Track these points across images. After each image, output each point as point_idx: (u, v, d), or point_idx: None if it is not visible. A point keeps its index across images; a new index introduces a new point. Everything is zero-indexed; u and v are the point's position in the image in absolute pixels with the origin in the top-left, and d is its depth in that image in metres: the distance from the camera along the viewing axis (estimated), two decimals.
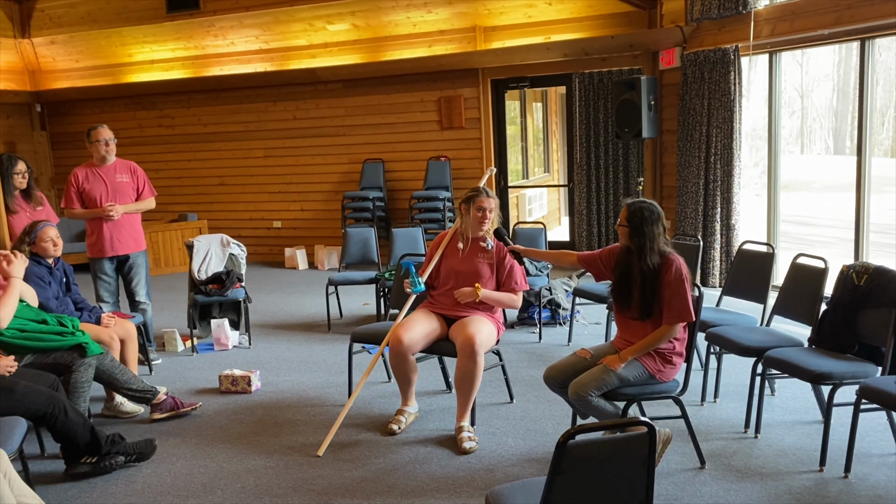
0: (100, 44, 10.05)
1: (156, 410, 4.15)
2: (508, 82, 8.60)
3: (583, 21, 7.94)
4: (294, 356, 5.39)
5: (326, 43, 9.07)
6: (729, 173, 6.75)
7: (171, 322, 6.38)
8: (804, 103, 19.54)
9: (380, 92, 8.97)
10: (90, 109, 10.46)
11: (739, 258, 4.63)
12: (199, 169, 10.07)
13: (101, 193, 5.08)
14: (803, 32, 6.00)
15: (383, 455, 3.62)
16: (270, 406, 4.37)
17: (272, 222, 9.84)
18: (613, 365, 3.22)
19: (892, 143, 18.35)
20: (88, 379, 3.78)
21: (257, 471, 3.51)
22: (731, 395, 4.20)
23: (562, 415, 3.99)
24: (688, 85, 7.02)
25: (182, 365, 5.28)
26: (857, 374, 3.33)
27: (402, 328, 3.84)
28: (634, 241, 3.29)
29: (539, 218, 11.04)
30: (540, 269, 5.86)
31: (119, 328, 4.39)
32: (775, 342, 3.75)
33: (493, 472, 3.39)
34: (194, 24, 9.23)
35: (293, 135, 9.49)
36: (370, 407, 4.26)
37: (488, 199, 3.95)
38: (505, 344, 5.28)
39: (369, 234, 6.56)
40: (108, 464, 3.48)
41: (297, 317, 6.65)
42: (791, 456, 3.44)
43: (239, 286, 5.71)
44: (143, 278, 5.30)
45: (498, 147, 8.74)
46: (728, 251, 6.83)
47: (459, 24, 8.44)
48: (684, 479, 3.26)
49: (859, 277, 3.56)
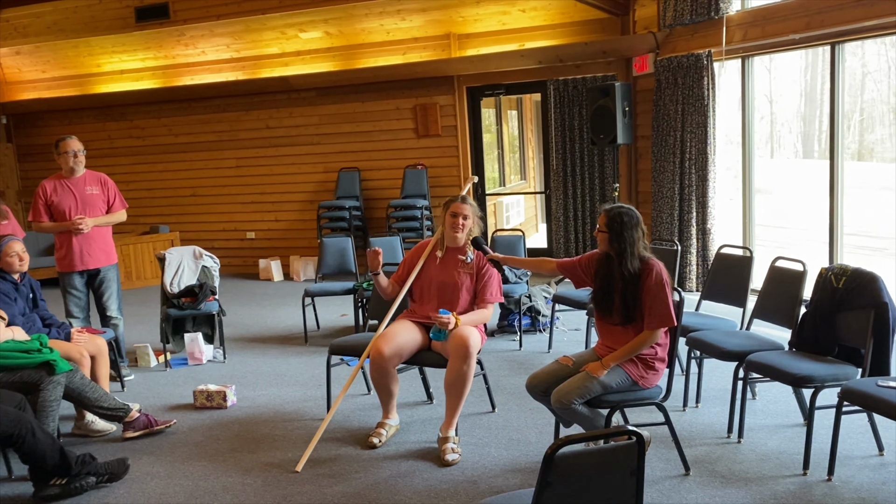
0: (67, 54, 9.88)
1: (128, 429, 4.03)
2: (484, 90, 8.59)
3: (556, 28, 7.96)
4: (270, 370, 5.29)
5: (299, 51, 9.00)
6: (704, 178, 6.78)
7: (143, 337, 6.24)
8: (773, 108, 19.83)
9: (354, 100, 8.91)
10: (58, 121, 10.26)
11: (717, 262, 4.63)
12: (171, 180, 9.91)
13: (71, 206, 4.96)
14: (775, 37, 6.06)
15: (364, 469, 3.54)
16: (247, 421, 4.27)
17: (246, 233, 9.71)
18: (596, 372, 3.19)
19: (859, 147, 18.68)
20: (57, 398, 3.66)
21: (234, 488, 3.42)
22: (714, 400, 4.19)
23: (545, 423, 3.95)
24: (661, 90, 7.05)
25: (155, 381, 5.16)
26: (837, 377, 3.33)
27: (384, 340, 3.77)
28: (614, 247, 3.27)
29: (517, 225, 11.04)
30: (519, 277, 5.83)
31: (89, 344, 4.27)
32: (756, 346, 3.75)
33: (476, 485, 3.34)
34: (164, 34, 9.10)
35: (266, 144, 9.38)
36: (350, 420, 4.19)
37: (463, 205, 3.90)
38: (486, 352, 5.23)
39: (346, 243, 6.48)
40: (78, 485, 3.36)
41: (273, 329, 6.54)
42: (774, 460, 3.43)
43: (212, 299, 5.60)
44: (114, 293, 5.18)
45: (474, 154, 8.72)
46: (704, 255, 6.86)
47: (433, 32, 8.42)
48: (669, 486, 3.23)
49: (838, 280, 3.56)
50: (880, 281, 3.41)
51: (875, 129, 18.92)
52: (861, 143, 18.75)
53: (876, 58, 16.70)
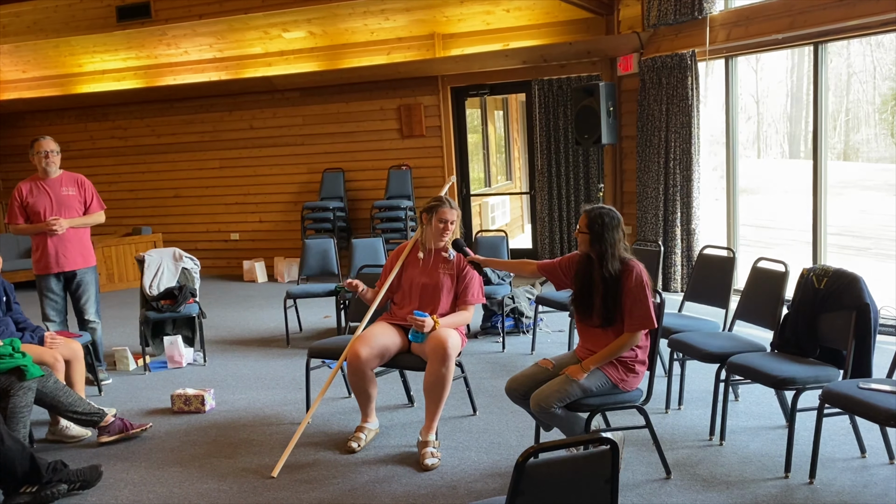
0: (48, 53, 9.75)
1: (103, 433, 3.96)
2: (468, 90, 8.55)
3: (541, 28, 7.93)
4: (251, 373, 5.23)
5: (283, 51, 8.92)
6: (688, 178, 6.77)
7: (123, 340, 6.16)
8: (759, 109, 19.90)
9: (338, 100, 8.84)
10: (39, 121, 10.13)
11: (700, 263, 4.61)
12: (154, 181, 9.81)
13: (45, 207, 4.87)
14: (758, 37, 6.05)
15: (342, 475, 3.49)
16: (225, 426, 4.21)
17: (230, 234, 9.62)
18: (576, 375, 3.15)
19: (845, 147, 18.77)
20: (28, 403, 3.59)
21: (209, 495, 3.35)
22: (696, 402, 4.16)
23: (525, 426, 3.91)
24: (646, 90, 7.03)
25: (134, 384, 5.08)
26: (819, 379, 3.30)
27: (361, 342, 3.72)
28: (595, 248, 3.23)
29: (502, 225, 11.00)
30: (502, 278, 5.79)
31: (64, 348, 4.19)
32: (738, 348, 3.72)
33: (455, 489, 3.29)
34: (146, 33, 8.99)
35: (250, 145, 9.30)
36: (329, 424, 4.13)
37: (451, 210, 3.87)
38: (468, 354, 5.19)
39: (328, 244, 6.42)
40: (49, 493, 3.29)
41: (254, 332, 6.47)
42: (756, 463, 3.40)
43: (192, 301, 5.53)
44: (91, 296, 5.09)
45: (459, 155, 8.68)
46: (689, 256, 6.85)
47: (418, 32, 8.36)
48: (650, 490, 3.19)
49: (819, 281, 3.54)
50: (862, 282, 3.39)
51: (861, 129, 19.02)
52: (847, 143, 18.84)
53: (861, 58, 16.77)
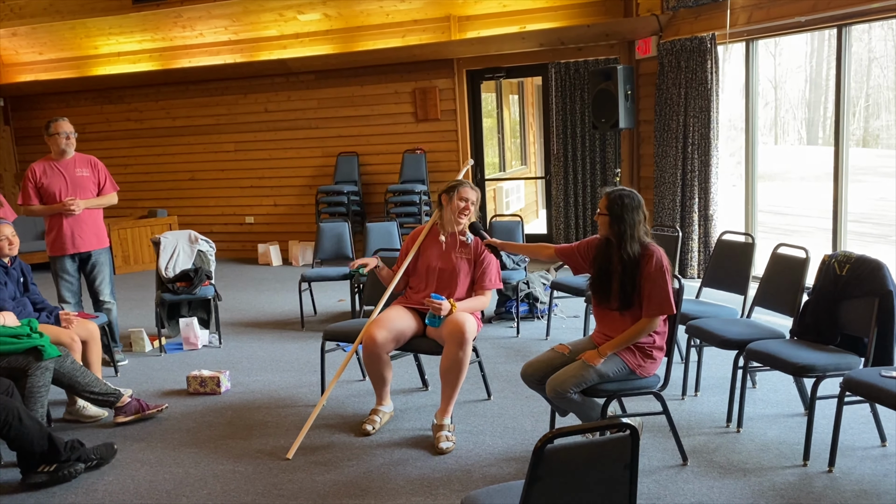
0: (64, 35, 9.76)
1: (120, 414, 3.98)
2: (484, 73, 8.47)
3: (558, 10, 7.83)
4: (266, 355, 5.24)
5: (297, 33, 8.87)
6: (706, 163, 6.69)
7: (139, 321, 6.19)
8: (777, 94, 19.63)
9: (353, 83, 8.80)
10: (55, 104, 10.15)
11: (719, 249, 4.55)
12: (169, 164, 9.83)
13: (61, 188, 4.88)
14: (780, 20, 5.94)
15: (357, 457, 3.49)
16: (240, 407, 4.22)
17: (245, 218, 9.63)
18: (592, 361, 3.13)
19: (864, 133, 18.51)
20: (45, 383, 3.61)
21: (225, 476, 3.37)
22: (713, 389, 4.13)
23: (540, 411, 3.89)
24: (664, 74, 6.94)
25: (149, 366, 5.11)
26: (839, 366, 3.26)
27: (376, 326, 3.71)
28: (614, 230, 3.19)
29: (517, 210, 10.95)
30: (517, 263, 5.75)
31: (80, 329, 4.21)
32: (756, 334, 3.68)
33: (470, 473, 3.28)
34: (161, 16, 8.98)
35: (265, 128, 9.28)
36: (343, 407, 4.13)
37: (471, 190, 3.85)
38: (482, 339, 5.18)
39: (343, 228, 6.41)
40: (67, 472, 3.31)
41: (269, 314, 6.48)
42: (774, 450, 3.37)
43: (208, 284, 5.54)
44: (106, 277, 5.11)
45: (474, 139, 8.62)
46: (706, 242, 6.78)
47: (433, 14, 8.29)
48: (666, 476, 3.17)
49: (841, 267, 3.49)
50: (885, 269, 3.34)
51: (881, 116, 18.72)
52: (866, 129, 18.57)
53: (882, 43, 16.47)
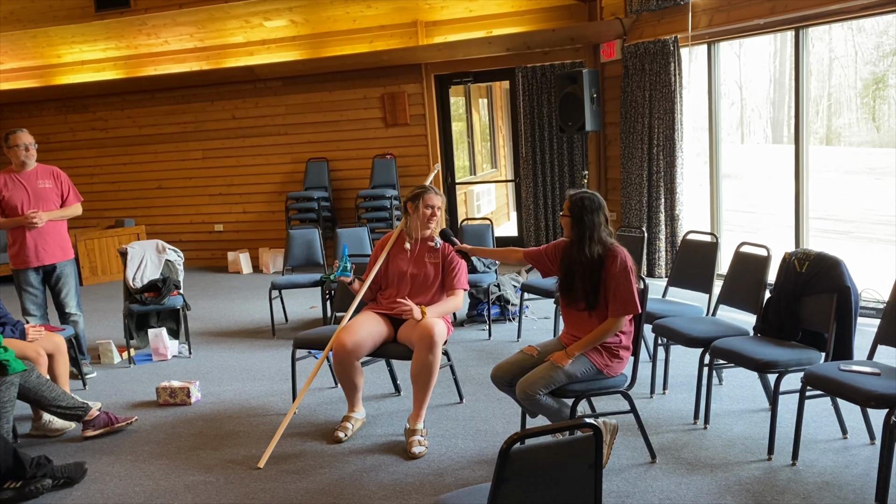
0: (25, 44, 9.60)
1: (88, 427, 3.93)
2: (452, 78, 8.51)
3: (524, 15, 7.90)
4: (237, 364, 5.21)
5: (264, 40, 8.84)
6: (672, 164, 6.79)
7: (107, 333, 6.12)
8: (743, 94, 19.94)
9: (321, 89, 8.79)
10: (18, 113, 9.98)
11: (684, 249, 4.63)
12: (136, 173, 9.72)
13: (23, 201, 4.81)
14: (740, 22, 6.06)
15: (329, 465, 3.49)
16: (211, 418, 4.19)
17: (214, 226, 9.55)
18: (560, 362, 3.16)
19: (827, 131, 18.87)
20: (10, 398, 3.56)
21: (196, 487, 3.34)
22: (680, 387, 4.19)
23: (512, 413, 3.92)
24: (629, 77, 7.03)
25: (118, 378, 5.05)
26: (801, 362, 3.33)
27: (346, 332, 3.71)
28: (576, 231, 3.24)
29: (487, 213, 11.00)
30: (488, 266, 5.79)
31: (46, 342, 4.16)
32: (721, 332, 3.75)
33: (442, 477, 3.30)
34: (125, 23, 8.87)
35: (233, 135, 9.23)
36: (315, 414, 4.12)
37: (436, 196, 3.88)
38: (454, 342, 5.20)
39: (313, 235, 6.39)
40: (33, 488, 3.26)
41: (240, 323, 6.44)
42: (740, 445, 3.44)
43: (176, 293, 5.49)
44: (72, 289, 5.05)
45: (444, 143, 8.65)
46: (673, 242, 6.88)
47: (400, 19, 8.31)
48: (635, 474, 3.22)
49: (801, 264, 3.57)
50: (843, 265, 3.42)
51: (843, 114, 19.11)
52: (829, 127, 18.94)
53: (843, 43, 16.82)
